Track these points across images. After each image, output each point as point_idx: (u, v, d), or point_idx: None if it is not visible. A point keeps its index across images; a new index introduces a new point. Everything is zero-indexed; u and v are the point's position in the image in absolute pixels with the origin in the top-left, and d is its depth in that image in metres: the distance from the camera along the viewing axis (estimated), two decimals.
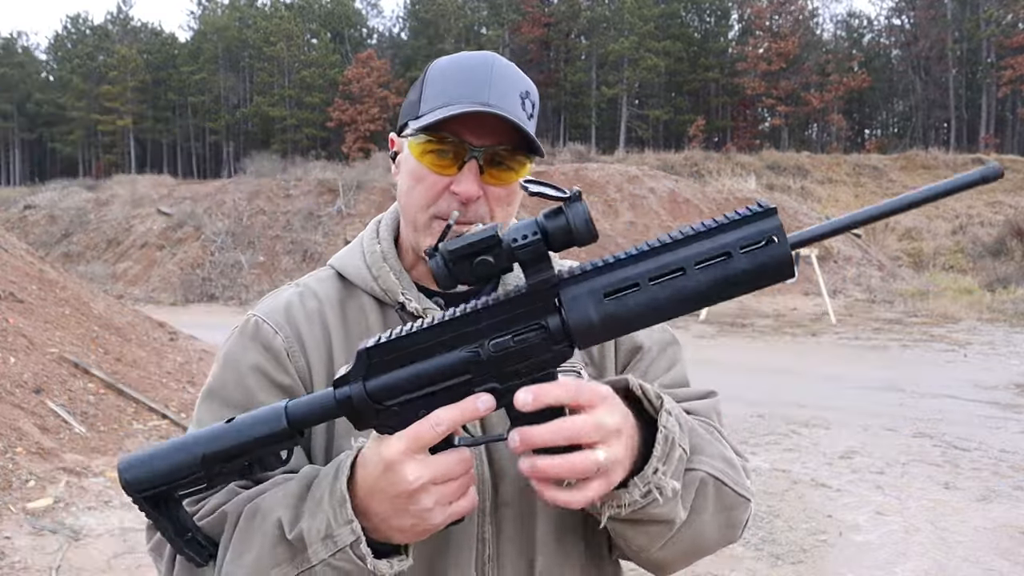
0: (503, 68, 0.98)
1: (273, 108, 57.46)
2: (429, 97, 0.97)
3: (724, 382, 7.52)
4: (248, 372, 0.99)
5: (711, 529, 0.96)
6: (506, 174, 0.97)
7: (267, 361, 0.99)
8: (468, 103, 0.93)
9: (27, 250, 9.46)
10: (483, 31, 58.62)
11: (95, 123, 60.25)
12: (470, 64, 0.98)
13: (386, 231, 1.08)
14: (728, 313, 16.66)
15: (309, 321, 1.02)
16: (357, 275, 1.05)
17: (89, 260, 24.81)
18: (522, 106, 0.97)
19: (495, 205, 0.98)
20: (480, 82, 0.95)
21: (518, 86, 0.97)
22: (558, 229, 0.73)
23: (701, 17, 60.95)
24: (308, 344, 1.01)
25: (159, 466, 0.81)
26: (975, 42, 52.03)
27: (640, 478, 0.82)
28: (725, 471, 0.96)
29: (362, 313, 1.03)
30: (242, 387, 0.99)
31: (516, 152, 0.97)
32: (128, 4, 78.84)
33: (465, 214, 0.96)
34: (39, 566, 3.87)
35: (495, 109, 0.93)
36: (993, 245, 24.72)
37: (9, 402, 5.41)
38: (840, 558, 4.22)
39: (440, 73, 0.99)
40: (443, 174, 0.96)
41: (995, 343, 12.45)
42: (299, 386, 0.99)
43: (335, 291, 1.06)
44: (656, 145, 48.68)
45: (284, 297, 1.06)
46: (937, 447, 6.41)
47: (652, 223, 22.03)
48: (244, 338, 1.02)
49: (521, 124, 0.94)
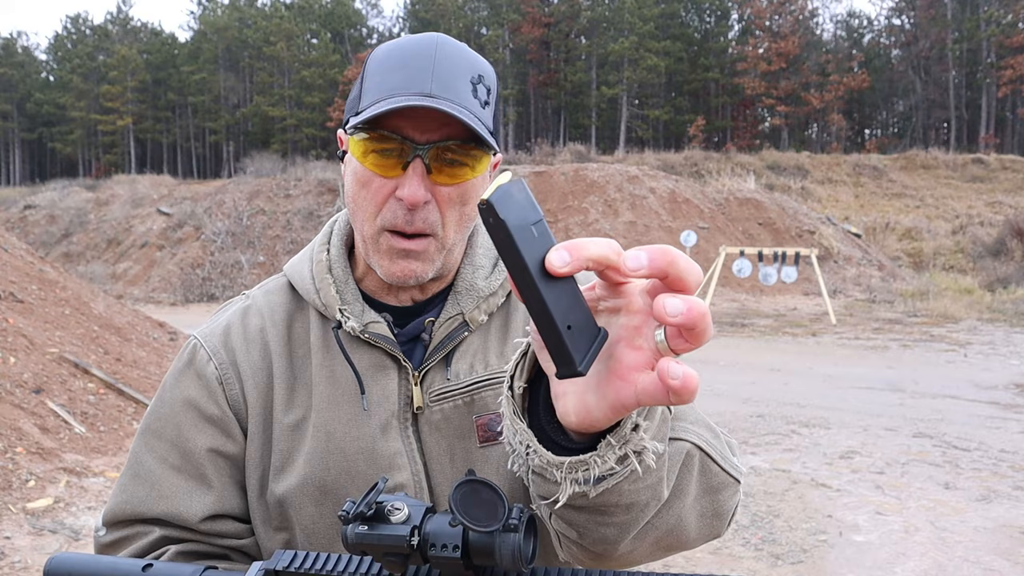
0: (450, 51, 0.87)
1: (273, 108, 57.47)
2: (369, 89, 0.86)
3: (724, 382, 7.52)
4: (180, 408, 0.95)
5: (693, 516, 0.81)
6: (458, 171, 0.87)
7: (199, 392, 0.95)
8: (408, 95, 0.83)
9: (27, 250, 9.47)
10: (483, 31, 58.63)
11: (95, 123, 60.28)
12: (412, 50, 0.87)
13: (338, 236, 1.00)
14: (728, 313, 16.66)
15: (248, 344, 0.96)
16: (302, 286, 0.97)
17: (89, 260, 24.81)
18: (473, 93, 0.86)
19: (446, 208, 0.88)
20: (422, 69, 0.84)
21: (468, 71, 0.86)
22: (480, 551, 0.62)
23: (701, 17, 60.97)
24: (244, 370, 0.95)
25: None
26: (975, 42, 52.03)
27: (615, 436, 0.62)
28: (711, 442, 0.82)
29: (307, 330, 0.96)
30: (173, 423, 0.95)
31: (468, 147, 0.86)
32: (128, 4, 78.76)
33: (412, 222, 0.87)
34: (39, 566, 3.87)
35: (437, 101, 0.82)
36: (993, 245, 24.72)
37: (9, 402, 5.41)
38: (840, 558, 4.22)
39: (380, 62, 0.88)
40: (386, 176, 0.86)
41: (995, 343, 12.45)
42: (229, 417, 0.94)
43: (283, 304, 0.99)
44: (656, 145, 48.72)
45: (226, 317, 1.00)
46: (937, 447, 6.41)
47: (652, 223, 22.03)
48: (181, 364, 0.98)
49: (466, 115, 0.83)
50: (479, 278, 0.97)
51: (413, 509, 0.65)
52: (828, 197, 32.87)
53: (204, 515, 0.92)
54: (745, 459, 6.07)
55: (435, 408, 0.92)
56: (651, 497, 0.70)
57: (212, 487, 0.93)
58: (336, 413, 0.92)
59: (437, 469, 0.92)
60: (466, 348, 0.95)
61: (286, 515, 0.92)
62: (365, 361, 0.93)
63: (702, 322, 0.52)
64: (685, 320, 0.52)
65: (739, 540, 4.44)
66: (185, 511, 0.91)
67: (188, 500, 0.92)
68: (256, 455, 0.94)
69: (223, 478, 0.94)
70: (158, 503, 0.92)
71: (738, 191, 24.14)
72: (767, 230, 22.56)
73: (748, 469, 5.83)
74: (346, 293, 0.95)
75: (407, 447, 0.92)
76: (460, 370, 0.93)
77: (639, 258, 0.53)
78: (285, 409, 0.93)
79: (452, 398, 0.92)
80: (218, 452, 0.94)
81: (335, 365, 0.94)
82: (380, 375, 0.93)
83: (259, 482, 0.94)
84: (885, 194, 34.06)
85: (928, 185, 34.63)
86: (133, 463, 0.95)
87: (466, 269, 0.97)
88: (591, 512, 0.69)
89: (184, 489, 0.92)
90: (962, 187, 34.19)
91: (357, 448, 0.91)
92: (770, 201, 24.13)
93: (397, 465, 0.91)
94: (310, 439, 0.92)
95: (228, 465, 0.94)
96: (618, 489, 0.66)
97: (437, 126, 0.85)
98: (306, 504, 0.91)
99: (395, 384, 0.93)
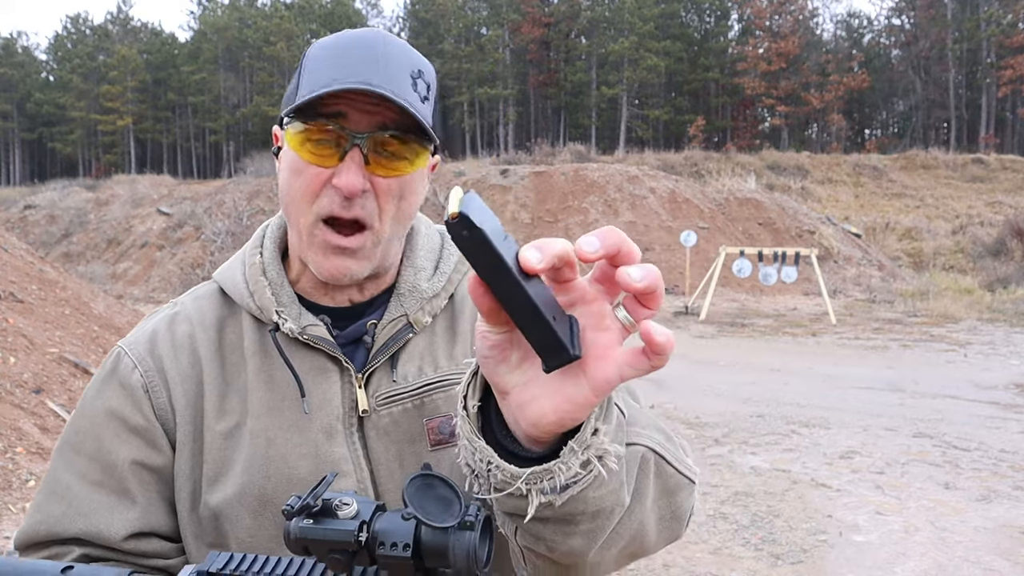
0: (390, 46, 0.86)
1: (273, 108, 57.42)
2: (306, 82, 0.84)
3: (724, 382, 7.51)
4: (102, 419, 0.90)
5: (653, 521, 0.80)
6: (397, 163, 0.85)
7: (122, 401, 0.90)
8: (348, 82, 0.81)
9: (27, 250, 9.47)
10: (483, 31, 58.63)
11: (95, 123, 60.29)
12: (352, 43, 0.86)
13: (270, 240, 0.97)
14: (728, 313, 16.66)
15: (175, 351, 0.92)
16: (235, 291, 0.94)
17: (89, 260, 24.82)
18: (413, 87, 0.84)
19: (384, 200, 0.86)
20: (363, 61, 0.82)
21: (408, 65, 0.85)
22: (433, 551, 0.60)
23: (701, 17, 60.98)
24: (171, 378, 0.91)
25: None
26: (975, 42, 52.04)
27: (577, 442, 0.62)
28: (664, 445, 0.81)
29: (240, 335, 0.93)
30: (94, 436, 0.90)
31: (408, 139, 0.85)
32: (128, 4, 78.76)
33: (350, 209, 0.84)
34: None
35: (378, 88, 0.80)
36: (993, 245, 24.73)
37: (9, 402, 5.41)
38: (840, 558, 4.22)
39: (317, 55, 0.86)
40: (323, 165, 0.84)
41: (995, 343, 12.45)
42: (156, 427, 0.90)
43: (214, 310, 0.96)
44: (656, 145, 48.70)
45: (152, 324, 0.96)
46: (937, 447, 6.41)
47: (652, 223, 22.03)
48: (103, 374, 0.93)
49: (408, 103, 0.82)
50: (421, 280, 0.95)
51: (362, 506, 0.63)
52: (828, 197, 32.87)
53: (127, 533, 0.87)
54: (745, 459, 6.08)
55: (383, 412, 0.89)
56: (615, 503, 0.69)
57: (136, 502, 0.89)
58: (276, 419, 0.88)
59: (385, 475, 0.89)
60: (412, 350, 0.92)
61: (221, 529, 0.88)
62: (305, 364, 0.90)
63: (659, 285, 0.55)
64: (648, 283, 0.55)
65: (739, 540, 4.44)
66: (106, 529, 0.87)
67: (109, 517, 0.87)
68: (186, 467, 0.89)
69: (149, 493, 0.89)
70: (76, 521, 0.87)
71: (738, 191, 24.14)
72: (767, 230, 22.57)
73: (748, 469, 5.84)
74: (281, 296, 0.92)
75: (352, 452, 0.88)
76: (408, 372, 0.91)
77: (593, 243, 0.54)
78: (217, 416, 0.89)
79: (400, 401, 0.90)
80: (143, 465, 0.89)
81: (273, 369, 0.90)
82: (321, 378, 0.89)
83: (191, 495, 0.89)
84: (885, 194, 34.07)
85: (928, 185, 34.63)
86: (49, 481, 0.90)
87: (407, 271, 0.95)
88: (558, 523, 0.67)
89: (105, 505, 0.88)
90: (962, 187, 34.19)
91: (299, 454, 0.87)
92: (770, 201, 24.13)
93: (343, 472, 0.87)
94: (247, 446, 0.88)
95: (154, 479, 0.90)
96: (583, 497, 0.65)
97: (375, 112, 0.83)
98: (243, 516, 0.87)
99: (337, 387, 0.90)
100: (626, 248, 0.56)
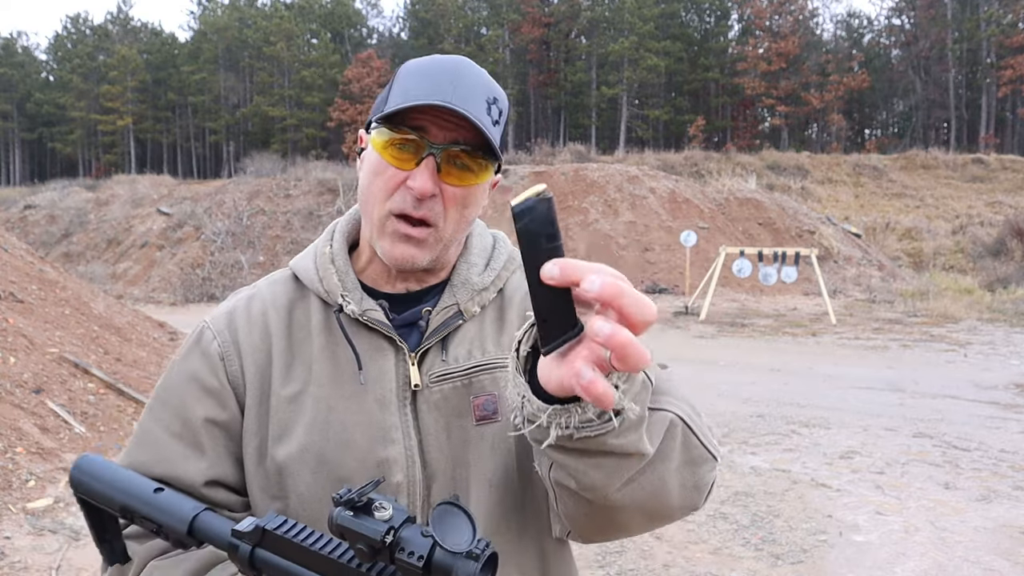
0: (471, 72, 0.98)
1: (273, 108, 57.48)
2: (395, 94, 0.97)
3: (724, 382, 7.50)
4: (185, 380, 1.04)
5: (675, 484, 0.88)
6: (465, 175, 0.97)
7: (201, 366, 1.04)
8: (432, 99, 0.93)
9: (27, 250, 9.47)
10: (483, 31, 58.63)
11: (95, 123, 60.30)
12: (439, 66, 0.98)
13: (340, 233, 1.10)
14: (728, 313, 16.66)
15: (249, 326, 1.06)
16: (306, 276, 1.08)
17: (89, 260, 24.82)
18: (488, 111, 0.96)
19: (450, 205, 0.98)
20: (446, 82, 0.95)
21: (485, 91, 0.97)
22: (441, 569, 0.69)
23: (701, 17, 60.98)
24: (244, 349, 1.04)
25: (97, 488, 0.91)
26: (975, 42, 52.05)
27: None
28: (692, 417, 0.91)
29: (308, 315, 1.06)
30: (177, 394, 1.04)
31: (477, 155, 0.96)
32: (128, 4, 78.81)
33: (419, 209, 0.96)
34: (39, 566, 3.87)
35: (457, 106, 0.92)
36: (993, 245, 24.74)
37: (9, 402, 5.41)
38: (840, 558, 4.22)
39: (408, 73, 0.99)
40: (401, 168, 0.96)
41: (995, 343, 12.45)
42: (227, 390, 1.03)
43: (287, 293, 1.09)
44: (656, 145, 48.71)
45: (232, 303, 1.11)
46: (937, 447, 6.41)
47: (652, 223, 22.03)
48: (190, 343, 1.08)
49: (482, 124, 0.93)
50: (473, 274, 1.07)
51: (396, 512, 0.72)
52: (828, 197, 32.88)
53: (200, 480, 1.00)
54: (745, 459, 6.08)
55: (434, 388, 1.00)
56: (633, 450, 0.78)
57: (206, 454, 1.01)
58: (336, 389, 1.01)
59: (434, 444, 0.99)
60: (463, 336, 1.04)
61: (283, 483, 0.99)
62: (364, 343, 1.02)
63: (623, 351, 0.62)
64: (605, 343, 0.62)
65: (739, 540, 4.44)
66: (183, 475, 1.00)
67: (185, 464, 1.00)
68: (253, 425, 1.02)
69: (217, 447, 1.02)
70: (158, 466, 1.00)
71: (738, 191, 24.15)
72: (767, 230, 22.57)
73: (748, 469, 5.84)
74: (347, 282, 1.05)
75: (403, 422, 1.00)
76: (458, 355, 1.02)
77: (593, 282, 0.62)
78: (282, 383, 1.02)
79: (451, 379, 1.01)
80: (214, 422, 1.02)
81: (336, 346, 1.03)
82: (377, 355, 1.01)
83: (257, 450, 1.01)
84: (885, 194, 34.08)
85: (928, 185, 34.63)
86: (139, 431, 1.05)
87: (461, 266, 1.07)
88: (578, 455, 0.78)
89: (182, 454, 1.01)
90: (962, 187, 34.20)
91: (355, 421, 0.99)
92: (770, 201, 24.13)
93: (391, 439, 0.98)
94: (310, 410, 1.00)
95: (222, 435, 1.02)
96: (600, 440, 0.75)
97: (453, 128, 0.95)
98: (303, 472, 0.98)
99: (392, 364, 1.01)
100: (618, 306, 0.62)
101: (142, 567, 0.98)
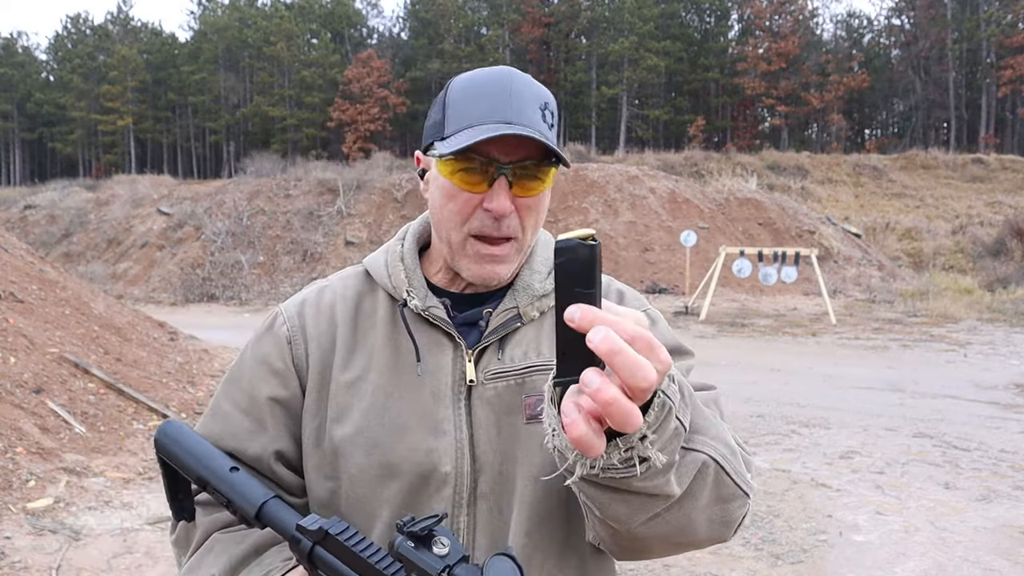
0: (521, 83, 1.02)
1: (273, 108, 57.46)
2: (452, 117, 1.01)
3: (724, 382, 7.47)
4: (255, 361, 1.12)
5: (703, 520, 0.91)
6: (534, 184, 1.02)
7: (271, 349, 1.11)
8: (492, 123, 0.98)
9: (27, 250, 9.47)
10: (483, 31, 58.63)
11: (95, 123, 60.27)
12: (489, 81, 1.02)
13: (411, 235, 1.16)
14: (728, 313, 16.66)
15: (318, 314, 1.13)
16: (376, 272, 1.14)
17: (89, 260, 24.82)
18: (543, 118, 1.01)
19: (525, 216, 1.04)
20: (501, 100, 0.99)
21: (537, 99, 1.02)
22: None
23: (701, 17, 60.96)
24: (310, 335, 1.11)
25: (178, 454, 0.98)
26: (975, 42, 52.04)
27: (623, 440, 0.74)
28: (727, 457, 0.92)
29: (374, 307, 1.12)
30: (248, 374, 1.12)
31: (541, 164, 1.01)
32: (128, 4, 78.81)
33: (499, 228, 1.02)
34: (39, 566, 3.87)
35: (518, 127, 0.97)
36: (993, 245, 24.74)
37: (9, 402, 5.41)
38: (840, 558, 4.22)
39: (460, 93, 1.03)
40: (474, 191, 1.01)
41: (995, 343, 12.45)
42: (291, 372, 1.09)
43: (356, 287, 1.15)
44: (656, 145, 48.71)
45: (305, 293, 1.18)
46: (937, 447, 6.41)
47: (652, 223, 22.03)
48: (264, 327, 1.16)
49: (546, 139, 0.98)
50: (535, 281, 1.11)
51: (453, 550, 0.77)
52: (828, 197, 32.88)
53: (262, 454, 1.07)
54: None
55: (489, 385, 1.05)
56: (659, 492, 0.81)
57: (267, 430, 1.08)
58: (395, 378, 1.06)
59: (484, 438, 1.03)
60: (520, 338, 1.08)
61: (336, 464, 1.05)
62: (424, 338, 1.07)
63: (606, 408, 0.64)
64: (591, 396, 0.65)
65: (739, 540, 4.44)
66: (249, 448, 1.07)
67: (249, 438, 1.08)
68: (313, 407, 1.08)
69: (278, 424, 1.09)
70: (227, 439, 1.08)
71: (738, 191, 24.14)
72: (767, 230, 22.57)
73: None
74: (413, 279, 1.11)
75: (456, 415, 1.04)
76: (515, 356, 1.06)
77: (597, 333, 0.64)
78: (342, 369, 1.08)
79: (506, 378, 1.05)
80: (276, 400, 1.09)
81: (399, 338, 1.08)
82: (436, 350, 1.07)
83: (315, 431, 1.07)
84: (885, 194, 34.08)
85: (928, 185, 34.63)
86: (213, 406, 1.13)
87: (525, 272, 1.12)
88: (604, 489, 0.81)
89: (247, 428, 1.09)
90: (962, 187, 34.19)
91: (410, 410, 1.04)
92: (770, 201, 24.13)
93: (442, 430, 1.03)
94: (369, 395, 1.06)
95: (283, 413, 1.09)
96: (625, 481, 0.78)
97: (517, 147, 0.99)
98: (356, 453, 1.03)
99: (449, 359, 1.06)
100: (611, 364, 0.64)
101: (205, 537, 1.05)
